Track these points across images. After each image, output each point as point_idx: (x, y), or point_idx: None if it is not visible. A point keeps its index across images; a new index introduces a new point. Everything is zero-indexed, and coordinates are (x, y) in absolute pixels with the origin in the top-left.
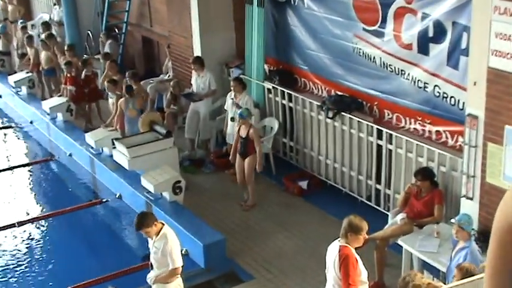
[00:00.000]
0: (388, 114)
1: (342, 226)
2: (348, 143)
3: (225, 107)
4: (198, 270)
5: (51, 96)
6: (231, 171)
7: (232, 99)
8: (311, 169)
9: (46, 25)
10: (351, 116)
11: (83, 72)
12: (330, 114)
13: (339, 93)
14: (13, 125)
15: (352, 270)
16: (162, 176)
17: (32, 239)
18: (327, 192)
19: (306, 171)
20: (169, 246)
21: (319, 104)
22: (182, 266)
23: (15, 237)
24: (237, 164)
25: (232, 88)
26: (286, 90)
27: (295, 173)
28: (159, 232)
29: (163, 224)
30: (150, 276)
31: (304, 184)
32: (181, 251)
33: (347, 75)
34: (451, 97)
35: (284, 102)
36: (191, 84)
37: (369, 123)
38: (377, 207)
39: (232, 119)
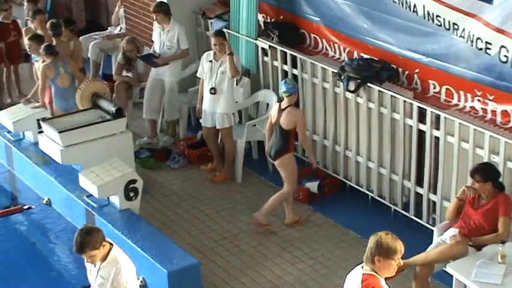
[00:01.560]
0: (435, 87)
1: (368, 247)
2: (377, 127)
3: (198, 74)
4: None
5: None
6: (208, 167)
7: (211, 61)
8: (323, 165)
9: None
10: (381, 89)
11: None
12: (352, 86)
13: (365, 55)
14: None
15: None
16: (109, 174)
17: None
18: (346, 198)
19: (317, 167)
20: (122, 275)
21: (335, 71)
22: None
23: None
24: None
25: (213, 46)
26: (288, 51)
27: (301, 171)
28: (107, 255)
29: (111, 245)
30: None
31: (313, 186)
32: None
33: (376, 31)
34: None
35: (286, 68)
36: (152, 42)
37: (407, 99)
38: (417, 220)
39: (213, 91)
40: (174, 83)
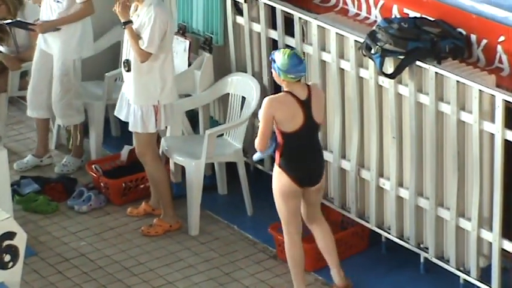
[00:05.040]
0: None
1: None
2: (434, 137)
3: None
4: None
5: None
6: (140, 209)
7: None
8: (341, 203)
9: None
10: (440, 71)
11: None
12: (389, 67)
13: (412, 13)
14: None
15: None
16: None
17: None
18: (381, 262)
19: (325, 206)
20: None
21: (361, 40)
22: None
23: None
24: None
25: None
26: (279, 6)
27: None
28: None
29: None
30: None
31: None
32: None
33: None
34: None
35: (274, 35)
36: None
37: (486, 89)
38: None
39: (126, 66)
40: (69, 63)
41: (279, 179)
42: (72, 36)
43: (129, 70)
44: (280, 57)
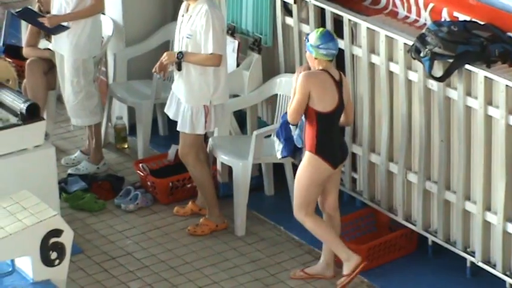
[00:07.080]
0: None
1: None
2: (482, 141)
3: None
4: None
5: None
6: (187, 209)
7: (183, 16)
8: (388, 206)
9: None
10: (489, 75)
11: None
12: (438, 71)
13: (461, 17)
14: None
15: None
16: (15, 219)
17: None
18: (427, 265)
19: (375, 210)
20: None
21: (411, 43)
22: None
23: None
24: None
25: None
26: (328, 8)
27: (348, 215)
28: None
29: None
30: None
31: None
32: None
33: None
34: None
35: None
36: None
37: None
38: None
39: (177, 65)
40: (78, 63)
41: (317, 167)
42: (80, 35)
43: (179, 69)
44: (313, 34)
